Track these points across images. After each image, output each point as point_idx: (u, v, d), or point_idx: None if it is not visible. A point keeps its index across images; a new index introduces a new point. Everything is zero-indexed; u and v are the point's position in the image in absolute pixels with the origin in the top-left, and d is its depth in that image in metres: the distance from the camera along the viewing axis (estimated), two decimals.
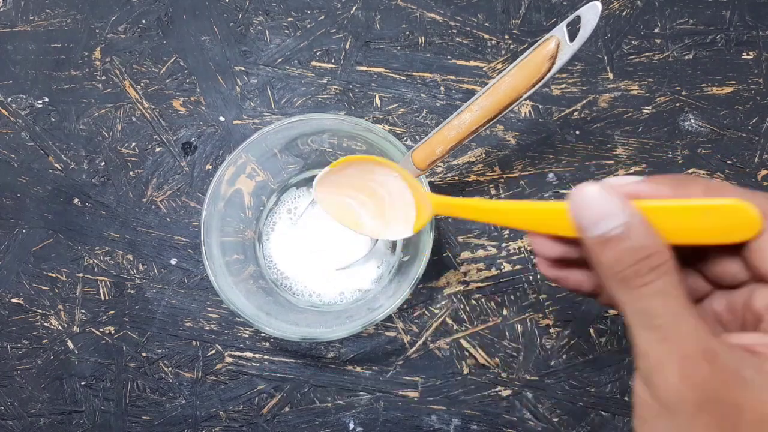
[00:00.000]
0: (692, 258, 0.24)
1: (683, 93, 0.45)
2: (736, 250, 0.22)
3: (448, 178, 0.44)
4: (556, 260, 0.25)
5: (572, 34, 0.28)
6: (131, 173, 0.46)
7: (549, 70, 0.29)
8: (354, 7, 0.47)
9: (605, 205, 0.21)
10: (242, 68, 0.47)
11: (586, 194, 0.21)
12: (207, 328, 0.43)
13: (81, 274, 0.44)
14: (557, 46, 0.28)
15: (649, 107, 0.45)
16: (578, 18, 0.28)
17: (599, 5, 0.27)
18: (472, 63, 0.46)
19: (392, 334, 0.42)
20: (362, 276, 0.41)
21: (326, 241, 0.41)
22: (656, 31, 0.46)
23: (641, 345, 0.21)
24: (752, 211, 0.20)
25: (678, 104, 0.45)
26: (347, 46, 0.47)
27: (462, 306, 0.43)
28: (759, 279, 0.22)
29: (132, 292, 0.44)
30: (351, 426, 0.42)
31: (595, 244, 0.21)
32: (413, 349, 0.43)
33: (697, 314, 0.20)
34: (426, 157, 0.34)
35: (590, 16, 0.27)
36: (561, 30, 0.28)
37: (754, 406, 0.19)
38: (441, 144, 0.33)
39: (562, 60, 0.29)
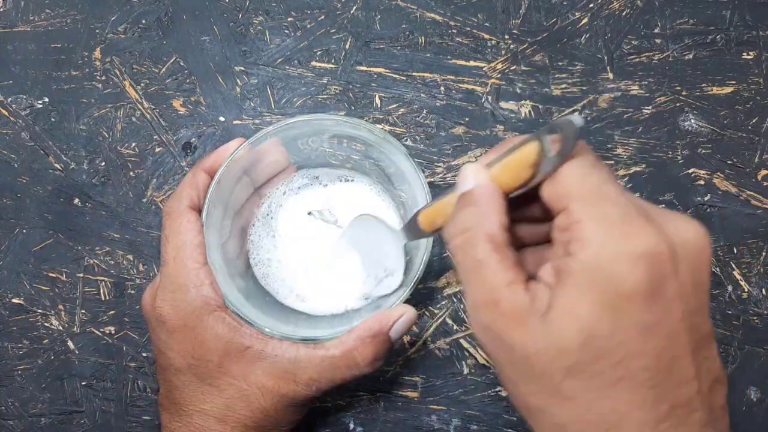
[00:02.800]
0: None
1: (683, 93, 0.45)
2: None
3: (448, 178, 0.44)
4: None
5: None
6: (131, 173, 0.46)
7: (533, 177, 0.25)
8: (354, 7, 0.47)
9: (466, 175, 0.26)
10: (242, 68, 0.47)
11: (464, 170, 0.26)
12: None
13: (81, 274, 0.44)
14: (539, 154, 0.24)
15: (649, 107, 0.45)
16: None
17: (579, 121, 0.23)
18: (472, 63, 0.46)
19: None
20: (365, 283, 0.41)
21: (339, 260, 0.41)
22: (656, 31, 0.46)
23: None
24: (538, 149, 0.24)
25: (678, 104, 0.45)
26: (347, 46, 0.47)
27: (462, 306, 0.43)
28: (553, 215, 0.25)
29: (132, 292, 0.44)
30: (351, 426, 0.42)
31: (458, 202, 0.26)
32: (413, 349, 0.43)
33: (497, 265, 0.24)
34: (429, 224, 0.32)
35: (569, 131, 0.23)
36: (544, 137, 0.24)
37: (523, 345, 0.23)
38: (442, 216, 0.30)
39: (545, 172, 0.25)
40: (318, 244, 0.41)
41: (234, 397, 0.34)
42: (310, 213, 0.42)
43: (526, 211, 0.28)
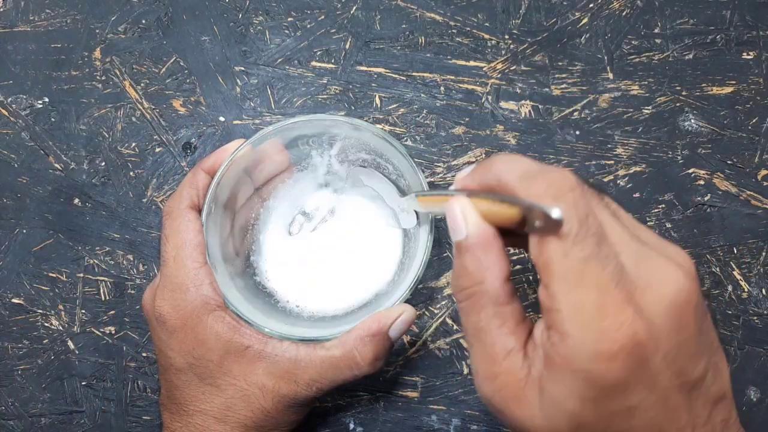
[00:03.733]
0: None
1: (683, 93, 0.45)
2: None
3: (448, 178, 0.44)
4: None
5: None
6: (131, 173, 0.46)
7: (520, 227, 0.25)
8: (354, 7, 0.47)
9: (457, 220, 0.26)
10: (242, 68, 0.47)
11: (452, 210, 0.26)
12: None
13: (81, 275, 0.44)
14: (522, 219, 0.24)
15: (649, 107, 0.45)
16: None
17: (557, 214, 0.23)
18: (472, 63, 0.46)
19: None
20: (365, 285, 0.41)
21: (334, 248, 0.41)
22: (656, 31, 0.46)
23: None
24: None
25: (678, 104, 0.45)
26: (347, 46, 0.47)
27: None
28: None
29: (132, 292, 0.44)
30: (351, 426, 0.42)
31: (454, 248, 0.26)
32: (413, 349, 0.43)
33: (496, 332, 0.25)
34: (425, 207, 0.33)
35: (550, 224, 0.23)
36: (531, 208, 0.24)
37: (521, 421, 0.24)
38: (437, 206, 0.31)
39: (532, 230, 0.24)
40: (317, 243, 0.41)
41: (234, 397, 0.34)
42: (305, 213, 0.42)
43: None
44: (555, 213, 0.22)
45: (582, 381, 0.22)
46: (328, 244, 0.41)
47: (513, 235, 0.26)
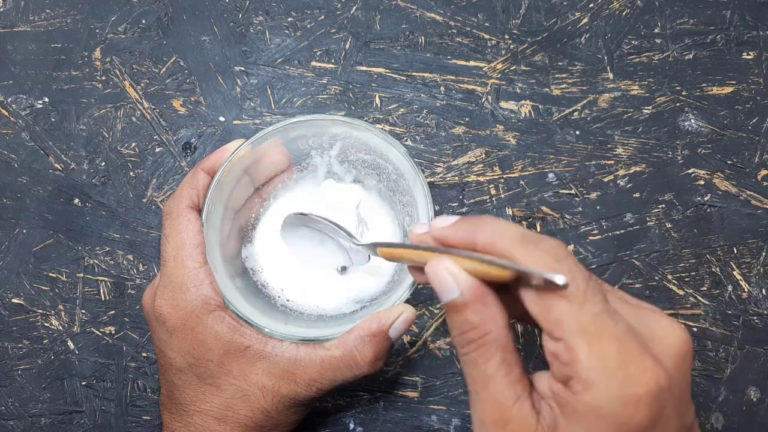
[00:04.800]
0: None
1: (683, 93, 0.45)
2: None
3: (448, 178, 0.44)
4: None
5: None
6: (131, 173, 0.46)
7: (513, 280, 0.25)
8: (354, 7, 0.47)
9: (446, 281, 0.25)
10: (242, 68, 0.47)
11: (436, 271, 0.26)
12: None
13: (81, 275, 0.44)
14: (517, 278, 0.25)
15: (649, 107, 0.45)
16: None
17: (561, 280, 0.23)
18: (472, 63, 0.46)
19: None
20: (365, 285, 0.41)
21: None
22: (656, 31, 0.46)
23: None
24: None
25: (678, 104, 0.45)
26: (347, 46, 0.47)
27: None
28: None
29: (132, 292, 0.44)
30: (351, 426, 0.42)
31: (445, 307, 0.26)
32: (413, 349, 0.43)
33: (504, 380, 0.25)
34: (388, 257, 0.32)
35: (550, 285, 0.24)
36: (524, 272, 0.25)
37: None
38: (405, 259, 0.30)
39: (530, 284, 0.25)
40: (315, 244, 0.41)
41: (234, 397, 0.34)
42: (304, 214, 0.41)
43: None
44: (560, 279, 0.23)
45: (609, 426, 0.23)
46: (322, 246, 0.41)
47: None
